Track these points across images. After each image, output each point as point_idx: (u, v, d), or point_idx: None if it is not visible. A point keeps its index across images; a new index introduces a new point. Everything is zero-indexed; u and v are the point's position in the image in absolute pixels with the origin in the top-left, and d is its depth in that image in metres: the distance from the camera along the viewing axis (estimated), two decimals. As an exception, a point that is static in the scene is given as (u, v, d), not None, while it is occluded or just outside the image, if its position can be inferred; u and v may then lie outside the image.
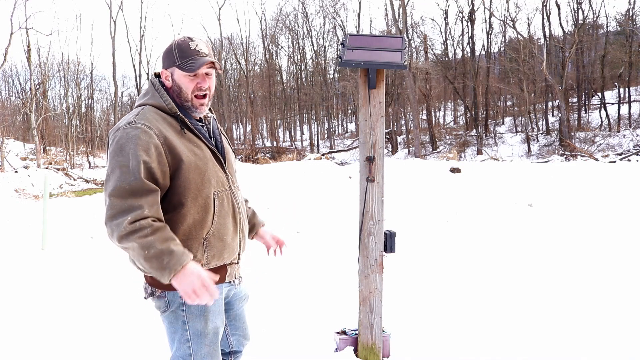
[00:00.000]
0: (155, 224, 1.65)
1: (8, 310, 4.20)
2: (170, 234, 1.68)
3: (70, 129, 34.00)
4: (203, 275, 1.66)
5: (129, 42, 36.72)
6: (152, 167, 1.70)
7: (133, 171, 1.67)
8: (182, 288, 1.64)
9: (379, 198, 3.01)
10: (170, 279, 1.64)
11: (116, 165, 1.69)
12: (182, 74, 1.82)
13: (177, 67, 1.83)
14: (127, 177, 1.66)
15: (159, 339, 3.23)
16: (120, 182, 1.66)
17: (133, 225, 1.62)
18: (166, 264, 1.62)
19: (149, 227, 1.63)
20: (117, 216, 1.65)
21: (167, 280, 1.64)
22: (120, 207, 1.65)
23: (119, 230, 1.63)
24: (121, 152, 1.70)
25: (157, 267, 1.63)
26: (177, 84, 1.85)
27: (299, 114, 46.35)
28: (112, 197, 1.66)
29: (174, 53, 1.84)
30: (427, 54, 35.99)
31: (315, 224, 8.06)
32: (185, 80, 1.83)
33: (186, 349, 1.84)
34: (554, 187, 11.01)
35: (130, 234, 1.62)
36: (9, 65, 40.68)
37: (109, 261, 5.71)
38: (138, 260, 1.67)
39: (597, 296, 4.22)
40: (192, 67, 1.80)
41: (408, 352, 3.20)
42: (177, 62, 1.82)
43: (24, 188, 15.16)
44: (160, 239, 1.64)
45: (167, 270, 1.62)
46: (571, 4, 32.90)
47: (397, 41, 3.16)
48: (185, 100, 1.85)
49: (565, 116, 26.41)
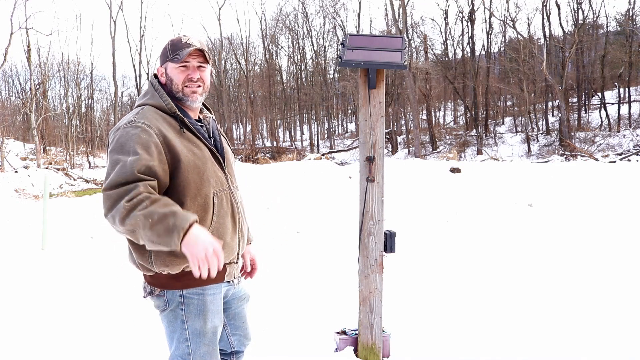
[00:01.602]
0: (152, 196, 1.64)
1: (8, 310, 4.20)
2: (169, 200, 1.67)
3: (70, 129, 34.00)
4: (214, 242, 1.63)
5: (129, 42, 36.74)
6: (153, 165, 1.70)
7: (130, 166, 1.67)
8: (194, 252, 1.59)
9: (379, 198, 3.01)
10: (180, 241, 1.58)
11: (115, 162, 1.70)
12: (174, 66, 1.87)
13: (169, 61, 1.88)
14: (124, 171, 1.67)
15: (158, 338, 3.23)
16: (116, 177, 1.67)
17: (131, 203, 1.61)
18: (172, 225, 1.58)
19: (147, 200, 1.62)
20: (114, 204, 1.64)
21: (177, 245, 1.58)
22: (116, 194, 1.64)
23: (119, 213, 1.61)
24: (121, 150, 1.71)
25: (165, 232, 1.58)
26: (169, 77, 1.89)
27: (299, 114, 46.34)
28: (108, 190, 1.67)
29: (167, 49, 1.90)
30: (427, 54, 35.98)
31: (315, 224, 8.06)
32: (176, 72, 1.87)
33: (185, 348, 1.84)
34: (554, 187, 11.00)
35: (130, 210, 1.60)
36: (9, 65, 40.69)
37: (109, 261, 5.72)
38: (145, 234, 1.60)
39: (597, 296, 4.22)
40: (180, 56, 1.85)
41: (408, 352, 3.20)
42: (169, 56, 1.88)
43: (24, 188, 15.15)
44: (160, 205, 1.62)
45: (175, 231, 1.58)
46: (571, 4, 32.89)
47: (397, 41, 3.16)
48: (177, 91, 1.88)
49: (565, 116, 26.41)
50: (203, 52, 1.89)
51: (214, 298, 1.88)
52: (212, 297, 1.87)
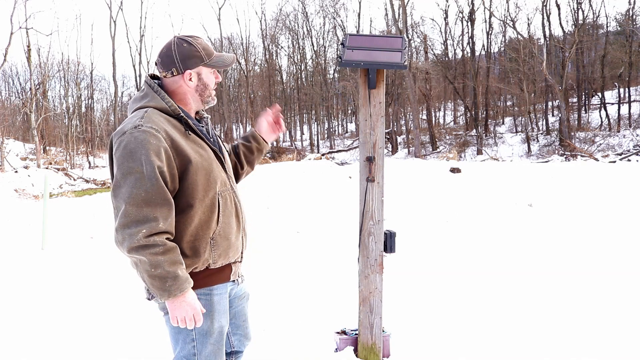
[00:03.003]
0: (168, 244, 1.66)
1: (8, 310, 4.20)
2: (179, 257, 1.70)
3: (70, 129, 34.01)
4: (197, 309, 1.73)
5: (129, 42, 36.72)
6: (164, 172, 1.69)
7: (149, 177, 1.65)
8: (175, 314, 1.71)
9: (379, 198, 3.01)
10: (166, 300, 1.69)
11: (128, 171, 1.66)
12: (209, 70, 1.89)
13: (203, 66, 1.87)
14: (143, 183, 1.65)
15: (160, 339, 3.23)
16: (135, 189, 1.64)
17: (147, 240, 1.63)
18: (168, 287, 1.66)
19: (162, 246, 1.64)
20: (130, 225, 1.64)
21: (162, 300, 1.70)
22: (135, 216, 1.64)
23: (131, 240, 1.63)
24: (132, 157, 1.67)
25: (159, 287, 1.67)
26: (204, 81, 1.89)
27: (299, 114, 46.34)
28: (127, 205, 1.64)
29: (199, 52, 1.86)
30: (427, 54, 35.98)
31: (315, 224, 8.06)
32: (212, 77, 1.91)
33: (191, 349, 1.84)
34: (554, 187, 11.00)
35: (142, 247, 1.63)
36: (9, 65, 40.69)
37: (109, 261, 5.71)
38: (141, 273, 1.69)
39: (597, 296, 4.22)
40: (225, 61, 1.91)
41: (408, 352, 3.20)
42: (205, 60, 1.87)
43: (24, 188, 15.16)
44: (169, 261, 1.65)
45: (166, 292, 1.67)
46: (571, 4, 32.88)
47: (397, 41, 3.16)
48: (208, 95, 1.92)
49: (565, 116, 26.41)
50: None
51: (220, 298, 1.88)
52: (219, 297, 1.87)
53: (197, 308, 1.73)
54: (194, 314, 1.72)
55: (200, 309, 1.75)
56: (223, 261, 1.87)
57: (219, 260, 1.85)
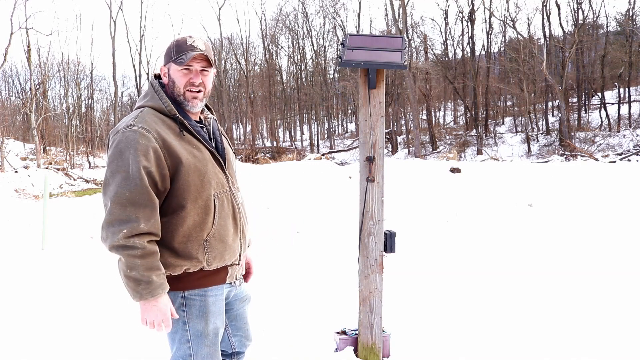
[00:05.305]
0: (147, 248, 1.69)
1: (8, 310, 4.20)
2: (156, 262, 1.72)
3: (70, 129, 33.96)
4: (167, 315, 1.75)
5: (129, 42, 36.68)
6: (152, 172, 1.71)
7: (133, 177, 1.69)
8: (144, 316, 1.75)
9: (379, 198, 3.01)
10: (137, 302, 1.73)
11: (116, 169, 1.71)
12: (177, 68, 1.85)
13: (172, 62, 1.86)
14: (127, 183, 1.69)
15: (159, 339, 3.23)
16: (120, 188, 1.69)
17: (127, 241, 1.67)
18: (140, 290, 1.70)
19: (141, 249, 1.68)
20: (114, 224, 1.68)
21: (134, 300, 1.74)
22: (119, 215, 1.68)
23: (113, 239, 1.68)
24: (120, 156, 1.71)
25: (132, 288, 1.71)
26: (172, 78, 1.87)
27: (299, 114, 46.33)
28: (112, 203, 1.70)
29: (171, 49, 1.87)
30: (427, 54, 35.98)
31: (315, 224, 8.06)
32: (179, 75, 1.85)
33: (186, 349, 1.84)
34: (554, 187, 11.00)
35: (121, 247, 1.68)
36: (9, 65, 40.68)
37: (109, 261, 5.70)
38: (119, 271, 1.75)
39: (597, 296, 4.22)
40: (183, 59, 1.83)
41: (408, 352, 3.20)
42: (173, 57, 1.86)
43: (24, 188, 15.15)
44: (145, 266, 1.68)
45: (138, 294, 1.71)
46: (571, 4, 32.89)
47: (397, 41, 3.16)
48: (177, 94, 1.86)
49: (565, 116, 26.40)
50: (207, 56, 1.87)
51: (215, 299, 1.88)
52: (213, 298, 1.87)
53: (167, 314, 1.75)
54: (162, 319, 1.75)
55: (170, 315, 1.77)
56: (218, 263, 1.86)
57: (213, 263, 1.85)
